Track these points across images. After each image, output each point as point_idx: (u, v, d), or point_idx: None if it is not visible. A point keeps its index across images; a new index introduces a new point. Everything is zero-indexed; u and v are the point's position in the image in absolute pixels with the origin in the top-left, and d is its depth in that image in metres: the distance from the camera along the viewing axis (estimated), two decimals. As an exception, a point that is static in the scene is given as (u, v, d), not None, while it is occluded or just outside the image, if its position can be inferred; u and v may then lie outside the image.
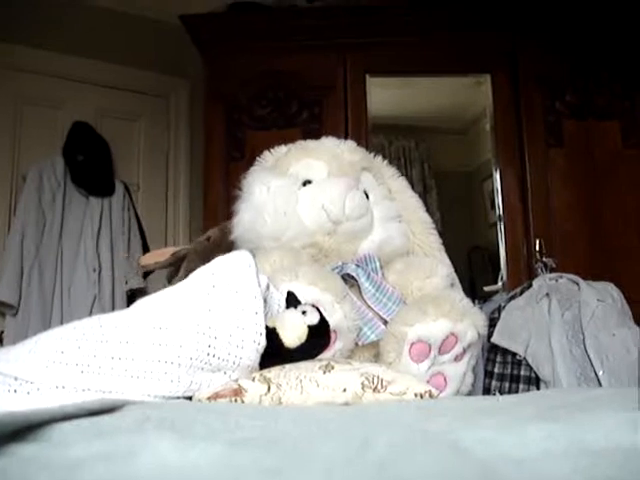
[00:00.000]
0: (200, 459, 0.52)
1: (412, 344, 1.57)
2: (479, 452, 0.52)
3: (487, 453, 0.53)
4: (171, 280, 2.14)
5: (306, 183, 1.94)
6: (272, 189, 1.91)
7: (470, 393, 1.74)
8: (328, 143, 2.06)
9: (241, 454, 0.54)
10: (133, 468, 0.52)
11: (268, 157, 2.12)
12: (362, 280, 1.79)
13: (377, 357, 1.67)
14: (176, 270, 2.14)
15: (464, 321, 1.61)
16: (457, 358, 1.63)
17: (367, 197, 1.94)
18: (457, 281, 2.03)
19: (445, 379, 1.62)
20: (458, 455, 0.39)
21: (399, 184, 2.14)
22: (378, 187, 2.02)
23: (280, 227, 1.86)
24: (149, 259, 2.13)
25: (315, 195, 1.89)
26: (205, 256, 1.97)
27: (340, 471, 0.43)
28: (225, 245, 2.03)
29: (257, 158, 2.15)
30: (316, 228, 1.87)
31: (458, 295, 1.76)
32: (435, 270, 1.89)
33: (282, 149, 2.12)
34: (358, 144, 2.15)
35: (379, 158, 2.16)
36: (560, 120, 3.40)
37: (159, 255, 2.16)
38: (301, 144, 2.10)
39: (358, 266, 1.82)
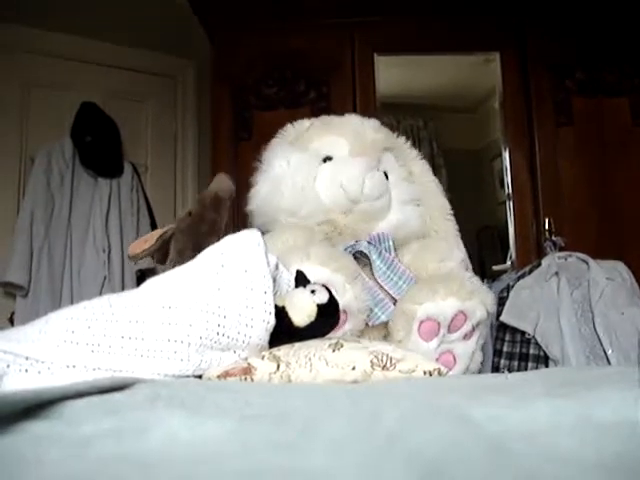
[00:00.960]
0: (210, 434, 0.53)
1: (421, 322, 1.58)
2: (488, 427, 0.52)
3: (496, 428, 0.54)
4: (163, 262, 2.10)
5: (326, 159, 1.92)
6: (292, 163, 1.90)
7: (479, 372, 1.75)
8: (352, 120, 2.03)
9: (250, 429, 0.55)
10: (143, 444, 0.53)
11: (290, 130, 2.09)
12: (374, 257, 1.78)
13: (387, 338, 1.68)
14: (165, 253, 2.10)
15: (473, 299, 1.62)
16: (466, 336, 1.64)
17: (387, 178, 1.92)
18: (470, 267, 2.02)
19: (454, 357, 1.62)
20: (468, 429, 0.39)
21: (420, 167, 2.12)
22: (399, 168, 2.00)
23: (297, 202, 1.85)
24: (136, 248, 2.08)
25: (334, 173, 1.87)
26: (191, 232, 1.95)
27: (350, 444, 0.44)
28: (208, 218, 2.01)
29: (279, 131, 2.12)
30: (333, 206, 1.85)
31: (467, 274, 1.76)
32: (450, 254, 1.88)
33: (305, 123, 2.09)
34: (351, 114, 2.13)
35: (402, 139, 2.14)
36: (569, 98, 3.37)
37: (145, 242, 2.11)
38: (324, 119, 2.08)
39: (370, 243, 1.82)
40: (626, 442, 0.51)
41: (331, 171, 1.88)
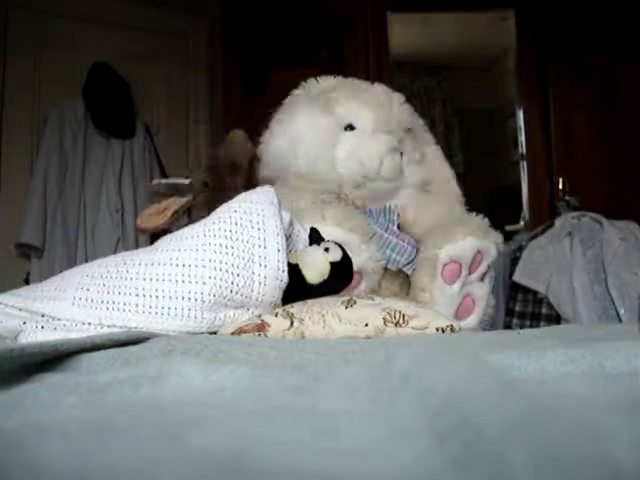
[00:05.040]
0: (225, 381, 0.54)
1: (445, 265, 1.62)
2: (502, 370, 0.53)
3: (509, 373, 0.54)
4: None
5: (348, 127, 1.88)
6: (314, 125, 1.86)
7: (492, 317, 1.79)
8: (380, 90, 1.98)
9: (265, 376, 0.55)
10: (159, 390, 0.54)
11: (314, 86, 2.00)
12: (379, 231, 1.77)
13: (403, 287, 1.70)
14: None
15: (487, 238, 1.67)
16: (482, 277, 1.69)
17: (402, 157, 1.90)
18: None
19: (473, 300, 1.65)
20: (482, 368, 0.39)
21: (434, 152, 2.10)
22: (413, 152, 1.97)
23: (310, 168, 1.82)
24: (148, 222, 1.95)
25: (356, 146, 1.84)
26: (211, 205, 1.85)
27: (363, 386, 0.44)
28: (228, 187, 1.91)
29: (302, 83, 2.04)
30: (347, 177, 1.83)
31: (479, 216, 1.79)
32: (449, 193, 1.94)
33: (330, 80, 2.01)
34: (379, 83, 2.09)
35: (421, 121, 2.09)
36: (584, 56, 3.34)
37: (158, 216, 1.97)
38: (352, 83, 2.01)
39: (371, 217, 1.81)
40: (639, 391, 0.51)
41: (353, 143, 1.84)
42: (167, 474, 0.33)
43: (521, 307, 2.60)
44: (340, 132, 1.86)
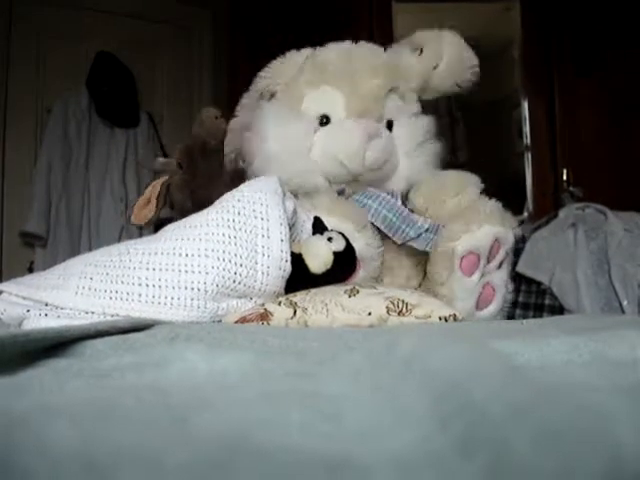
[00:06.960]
0: (229, 366, 0.54)
1: (462, 257, 1.52)
2: (504, 355, 0.53)
3: (513, 359, 0.55)
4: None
5: (323, 121, 1.69)
6: (287, 135, 1.67)
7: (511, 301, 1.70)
8: (343, 59, 1.74)
9: (269, 361, 0.56)
10: (163, 375, 0.54)
11: (279, 71, 1.84)
12: (384, 212, 1.67)
13: (409, 280, 1.66)
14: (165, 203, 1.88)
15: (503, 224, 1.56)
16: (500, 265, 1.59)
17: (391, 127, 1.74)
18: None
19: (493, 288, 1.58)
20: (485, 352, 0.40)
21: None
22: (405, 107, 1.78)
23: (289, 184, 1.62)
24: (139, 218, 1.83)
25: (330, 144, 1.65)
26: (186, 187, 1.75)
27: (366, 372, 0.44)
28: (201, 170, 1.78)
29: (266, 67, 1.88)
30: (333, 178, 1.67)
31: (491, 200, 1.64)
32: (465, 181, 1.75)
33: (293, 60, 1.84)
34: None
35: (405, 53, 1.81)
36: (590, 48, 3.33)
37: (145, 208, 1.79)
38: (315, 62, 1.77)
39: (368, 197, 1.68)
40: (641, 377, 0.51)
41: (325, 142, 1.66)
42: (171, 456, 0.33)
43: (524, 298, 2.60)
44: (315, 132, 1.69)
